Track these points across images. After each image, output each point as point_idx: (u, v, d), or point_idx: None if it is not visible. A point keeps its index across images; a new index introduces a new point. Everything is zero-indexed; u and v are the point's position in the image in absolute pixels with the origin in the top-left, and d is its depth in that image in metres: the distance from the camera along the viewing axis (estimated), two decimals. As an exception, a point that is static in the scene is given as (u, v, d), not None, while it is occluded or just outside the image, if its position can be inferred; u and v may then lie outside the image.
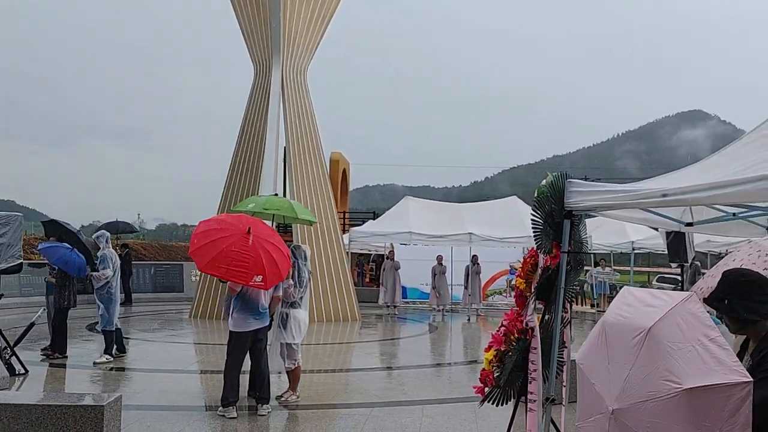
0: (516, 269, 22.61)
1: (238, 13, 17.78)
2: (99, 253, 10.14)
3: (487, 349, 5.57)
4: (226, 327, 15.21)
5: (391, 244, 21.34)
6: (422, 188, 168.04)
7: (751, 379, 2.38)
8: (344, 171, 36.30)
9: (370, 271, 31.04)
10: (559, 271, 5.34)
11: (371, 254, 30.94)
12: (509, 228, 19.04)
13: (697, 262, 18.27)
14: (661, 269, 41.21)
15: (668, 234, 11.25)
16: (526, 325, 5.31)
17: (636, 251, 22.25)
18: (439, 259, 20.07)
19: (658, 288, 25.63)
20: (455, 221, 19.60)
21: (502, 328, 5.52)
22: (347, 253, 18.60)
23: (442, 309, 20.15)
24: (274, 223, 8.79)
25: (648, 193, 4.91)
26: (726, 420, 2.34)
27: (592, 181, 5.48)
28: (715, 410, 2.35)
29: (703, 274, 19.25)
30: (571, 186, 5.34)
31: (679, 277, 32.44)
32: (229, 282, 7.35)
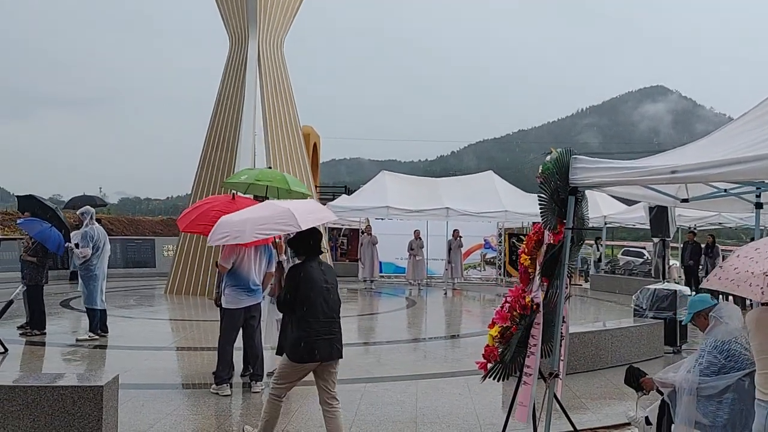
0: (492, 243, 22.84)
1: (214, -16, 17.33)
2: (81, 230, 9.90)
3: (491, 326, 5.58)
4: (204, 303, 15.12)
5: (367, 219, 21.27)
6: (389, 162, 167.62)
7: None
8: (315, 145, 35.93)
9: (341, 246, 30.90)
10: (563, 247, 5.37)
11: (341, 228, 30.84)
12: (486, 203, 19.13)
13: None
14: (624, 243, 42.18)
15: (651, 209, 11.47)
16: (532, 301, 5.33)
17: (608, 225, 22.55)
18: (417, 233, 20.12)
19: (625, 262, 26.07)
20: (432, 196, 19.61)
21: (507, 305, 5.54)
22: (325, 228, 18.49)
23: (419, 283, 20.25)
24: (251, 195, 8.69)
25: (657, 170, 4.94)
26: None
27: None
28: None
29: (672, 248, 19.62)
30: (577, 162, 5.34)
31: (643, 251, 33.17)
32: (219, 261, 7.28)
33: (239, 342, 7.44)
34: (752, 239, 18.22)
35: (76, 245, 9.91)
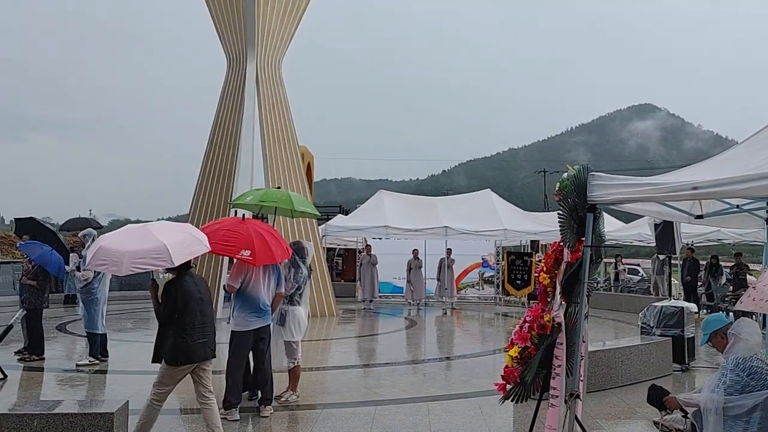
0: (489, 262, 22.74)
1: (211, 6, 17.35)
2: (83, 252, 9.75)
3: (510, 346, 5.50)
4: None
5: (365, 239, 21.16)
6: (380, 182, 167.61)
7: None
8: (309, 165, 35.91)
9: (336, 266, 30.74)
10: (581, 265, 5.30)
11: (336, 248, 30.72)
12: (484, 221, 19.09)
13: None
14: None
15: (656, 226, 11.44)
16: (554, 320, 5.24)
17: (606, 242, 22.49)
18: (415, 253, 20.02)
19: (623, 280, 25.94)
20: (430, 215, 19.55)
21: (526, 325, 5.45)
22: (324, 248, 18.36)
23: (417, 303, 20.11)
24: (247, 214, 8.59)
25: (678, 186, 4.89)
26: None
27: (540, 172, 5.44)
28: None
29: (674, 264, 19.67)
30: (595, 179, 5.30)
31: (638, 268, 33.14)
32: (227, 281, 7.20)
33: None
34: (738, 255, 18.18)
35: (77, 268, 9.77)
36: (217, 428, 5.77)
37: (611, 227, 21.24)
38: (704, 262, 19.04)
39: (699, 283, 18.41)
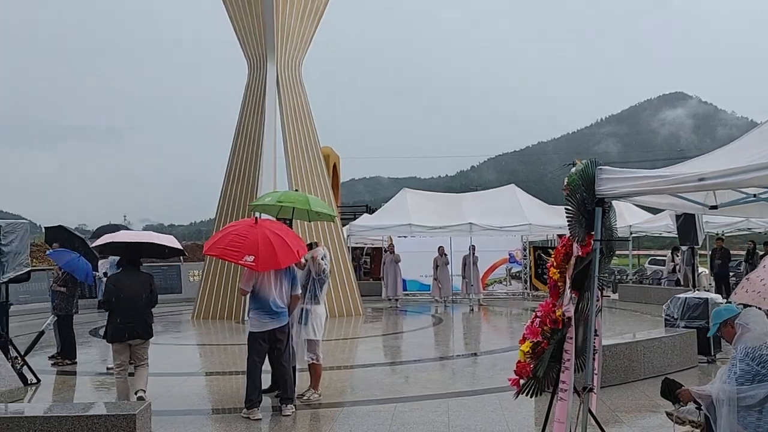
0: (516, 257, 22.66)
1: (230, 10, 17.57)
2: (110, 258, 10.00)
3: (522, 341, 5.52)
4: (232, 327, 15.16)
5: (390, 237, 21.23)
6: (408, 179, 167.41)
7: None
8: (335, 165, 36.10)
9: (364, 265, 30.88)
10: (592, 259, 5.31)
11: (364, 247, 30.85)
12: (509, 216, 19.04)
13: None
14: (650, 252, 41.75)
15: (678, 217, 11.32)
16: (563, 315, 5.26)
17: (633, 234, 22.29)
18: (441, 250, 20.03)
19: (652, 272, 25.72)
20: (454, 211, 19.57)
21: (537, 320, 5.48)
22: (348, 247, 18.49)
23: (444, 300, 20.13)
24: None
25: (684, 178, 4.86)
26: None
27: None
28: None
29: (699, 255, 19.37)
30: (602, 173, 5.28)
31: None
32: (240, 285, 7.40)
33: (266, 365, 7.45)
34: (766, 243, 17.76)
35: (105, 273, 10.02)
36: (141, 390, 7.27)
37: (639, 219, 21.05)
38: (738, 252, 18.66)
39: (730, 273, 18.07)
